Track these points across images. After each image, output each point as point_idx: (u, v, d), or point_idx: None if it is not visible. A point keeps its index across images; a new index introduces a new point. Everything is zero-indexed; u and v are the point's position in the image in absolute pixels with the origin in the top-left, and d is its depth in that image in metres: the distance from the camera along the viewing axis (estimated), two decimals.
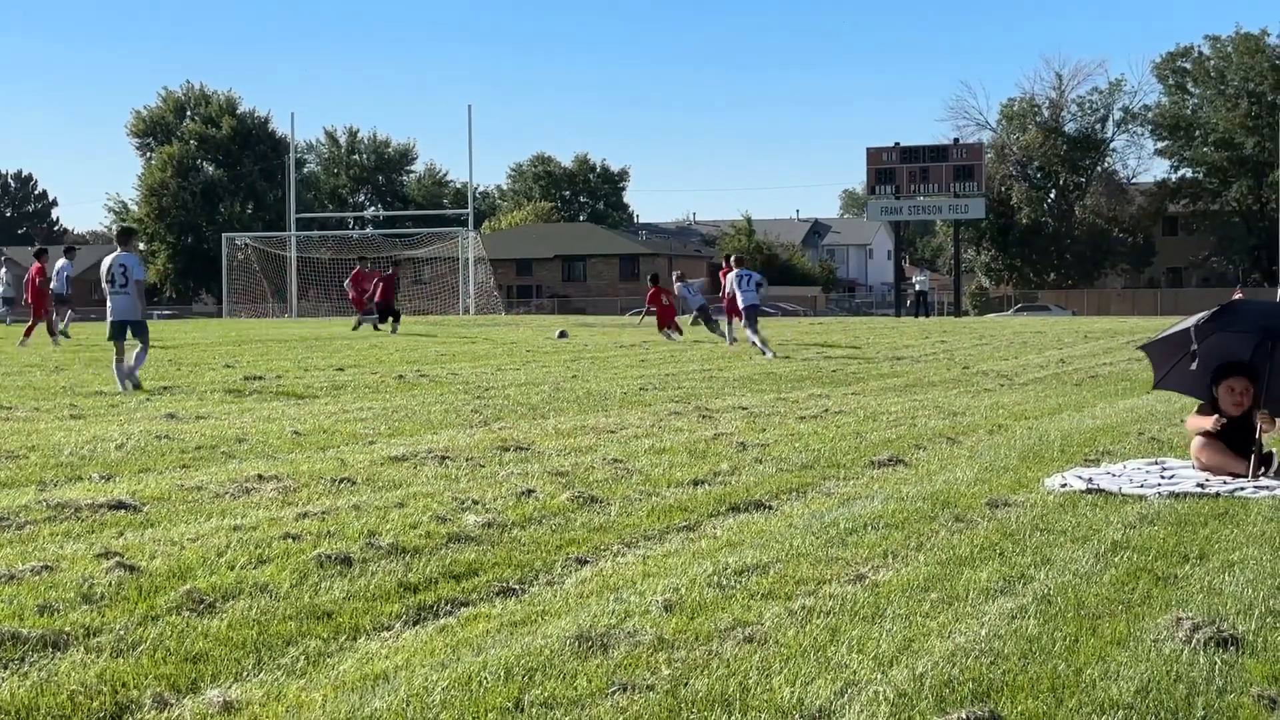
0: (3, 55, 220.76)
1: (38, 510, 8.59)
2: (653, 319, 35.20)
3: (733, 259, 30.60)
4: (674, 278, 37.93)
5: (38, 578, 6.77)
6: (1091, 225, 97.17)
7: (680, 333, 34.28)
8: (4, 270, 43.02)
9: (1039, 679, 5.32)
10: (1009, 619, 6.15)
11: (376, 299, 37.90)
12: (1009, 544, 7.81)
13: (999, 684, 5.26)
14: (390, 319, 37.48)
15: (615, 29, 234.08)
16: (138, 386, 17.80)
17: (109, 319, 18.42)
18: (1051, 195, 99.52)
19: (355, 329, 38.02)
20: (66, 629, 5.93)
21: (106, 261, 18.51)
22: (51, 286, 31.46)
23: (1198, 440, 10.42)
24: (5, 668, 5.44)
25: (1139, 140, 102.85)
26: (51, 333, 30.25)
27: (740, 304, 28.05)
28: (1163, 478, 10.07)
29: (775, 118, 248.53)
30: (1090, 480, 9.84)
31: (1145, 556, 7.47)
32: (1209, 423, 10.30)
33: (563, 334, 35.95)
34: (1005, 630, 5.96)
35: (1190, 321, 10.52)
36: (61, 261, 33.68)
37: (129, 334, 18.24)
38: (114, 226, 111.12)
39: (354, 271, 42.44)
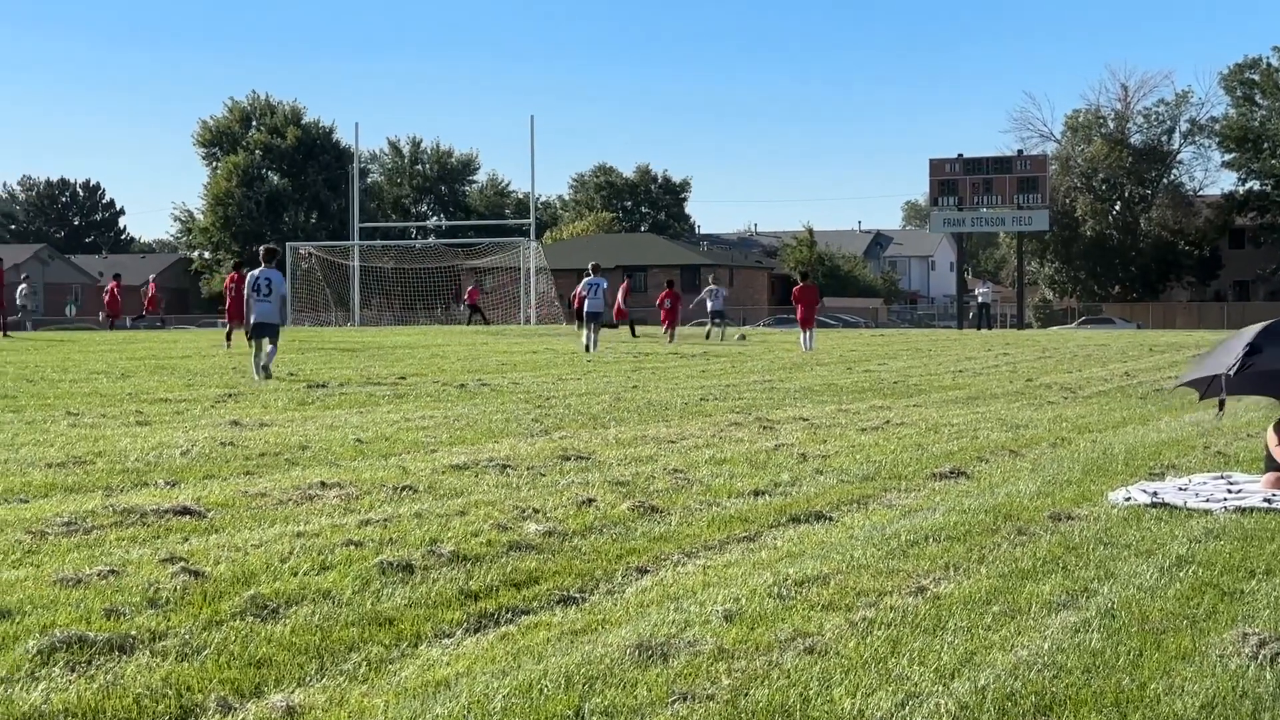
0: (72, 65, 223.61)
1: (104, 515, 8.68)
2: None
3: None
4: (710, 279, 40.39)
5: (104, 582, 6.85)
6: (1157, 238, 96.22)
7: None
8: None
9: (1102, 693, 5.28)
10: (1072, 632, 6.11)
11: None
12: (1072, 557, 7.76)
13: (1061, 698, 5.23)
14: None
15: (677, 40, 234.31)
16: (269, 376, 20.79)
17: (252, 322, 21.52)
18: (1116, 207, 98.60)
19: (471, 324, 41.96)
20: (132, 633, 5.99)
21: (253, 275, 21.81)
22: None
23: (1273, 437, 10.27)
24: (73, 670, 5.50)
25: (1206, 152, 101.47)
26: (228, 337, 32.36)
27: (586, 308, 32.80)
28: (1229, 492, 9.97)
29: (837, 129, 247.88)
30: (1155, 494, 9.76)
31: (1211, 571, 7.40)
32: None
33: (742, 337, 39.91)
34: (1068, 644, 5.92)
35: (1234, 353, 10.37)
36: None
37: (266, 335, 21.36)
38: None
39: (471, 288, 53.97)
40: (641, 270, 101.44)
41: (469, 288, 61.55)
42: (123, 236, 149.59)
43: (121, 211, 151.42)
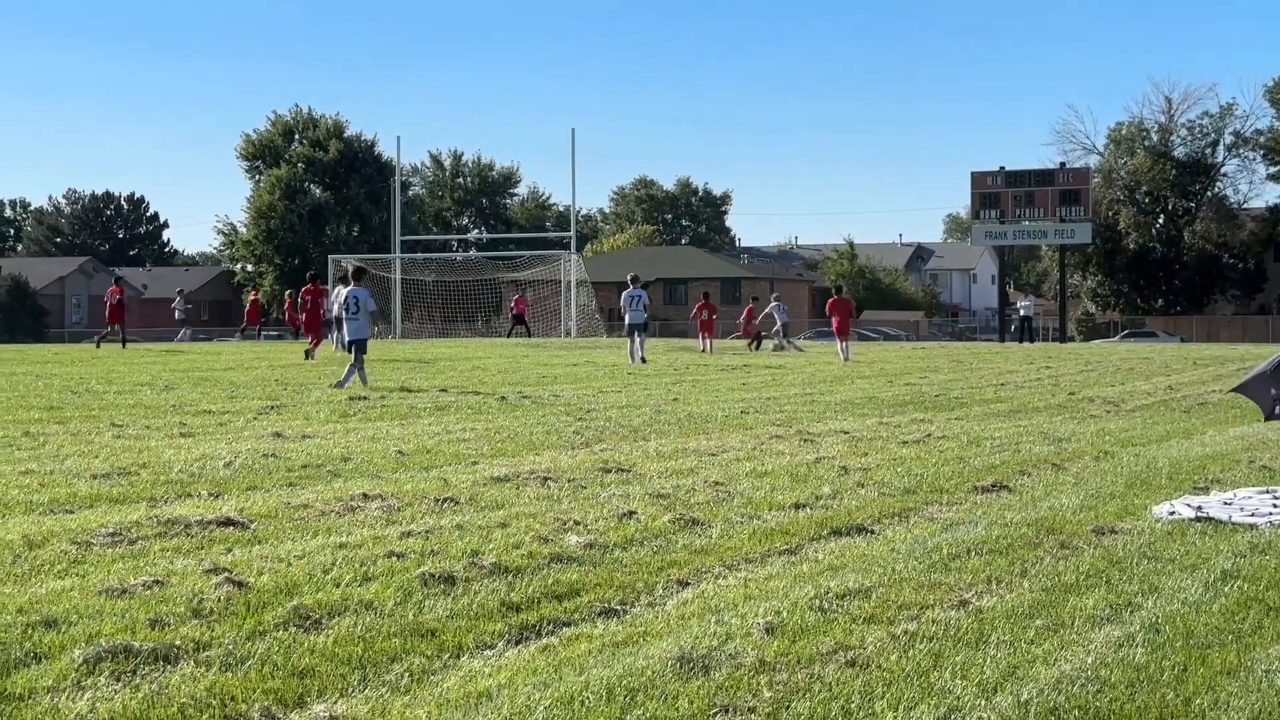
0: (116, 80, 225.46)
1: (149, 526, 8.74)
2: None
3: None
4: (772, 298, 40.17)
5: (149, 592, 6.90)
6: (1201, 251, 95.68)
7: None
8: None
9: (1147, 708, 5.25)
10: (1116, 647, 6.08)
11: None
12: (1116, 571, 7.72)
13: (1105, 712, 5.21)
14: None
15: (718, 54, 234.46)
16: (340, 386, 22.01)
17: (346, 338, 23.60)
18: (1160, 220, 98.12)
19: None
20: (176, 643, 6.03)
21: (343, 294, 23.59)
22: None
23: None
24: (118, 680, 5.54)
25: (1250, 165, 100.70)
26: (312, 349, 33.67)
27: (627, 320, 33.86)
28: (1274, 506, 9.90)
29: (878, 142, 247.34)
30: (1199, 508, 9.70)
31: (1256, 586, 7.35)
32: None
33: None
34: (1112, 658, 5.90)
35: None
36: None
37: (357, 349, 23.07)
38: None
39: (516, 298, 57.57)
40: (682, 283, 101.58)
41: (514, 297, 61.33)
42: (166, 249, 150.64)
43: (165, 224, 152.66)
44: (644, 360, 32.63)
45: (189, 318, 57.33)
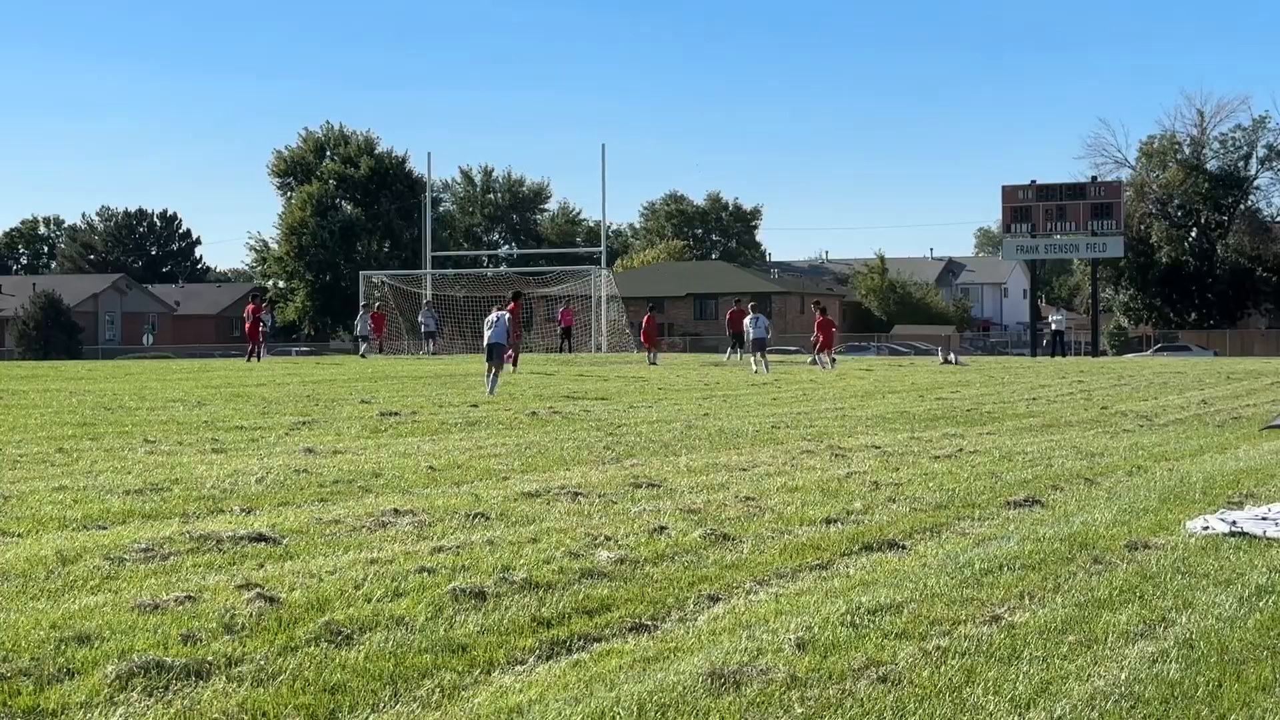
0: (150, 98, 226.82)
1: (181, 541, 8.77)
2: None
3: (750, 304, 42.94)
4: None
5: (181, 608, 6.92)
6: (1234, 264, 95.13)
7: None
8: (364, 312, 53.42)
9: None
10: (1149, 663, 6.05)
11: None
12: (1149, 587, 7.68)
13: None
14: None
15: (748, 69, 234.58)
16: (492, 392, 25.13)
17: (486, 344, 26.97)
18: (1192, 234, 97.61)
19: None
20: (209, 658, 6.05)
21: (493, 315, 27.61)
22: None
23: None
24: (150, 695, 5.56)
25: None
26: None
27: (751, 336, 40.31)
28: None
29: (909, 156, 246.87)
30: (1234, 523, 9.65)
31: None
32: None
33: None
34: (1145, 674, 5.86)
35: None
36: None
37: (495, 356, 26.66)
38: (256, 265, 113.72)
39: (563, 310, 57.56)
40: (712, 298, 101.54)
41: (561, 310, 60.78)
42: (199, 266, 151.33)
43: (198, 241, 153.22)
44: (756, 371, 37.56)
45: (438, 329, 58.54)
